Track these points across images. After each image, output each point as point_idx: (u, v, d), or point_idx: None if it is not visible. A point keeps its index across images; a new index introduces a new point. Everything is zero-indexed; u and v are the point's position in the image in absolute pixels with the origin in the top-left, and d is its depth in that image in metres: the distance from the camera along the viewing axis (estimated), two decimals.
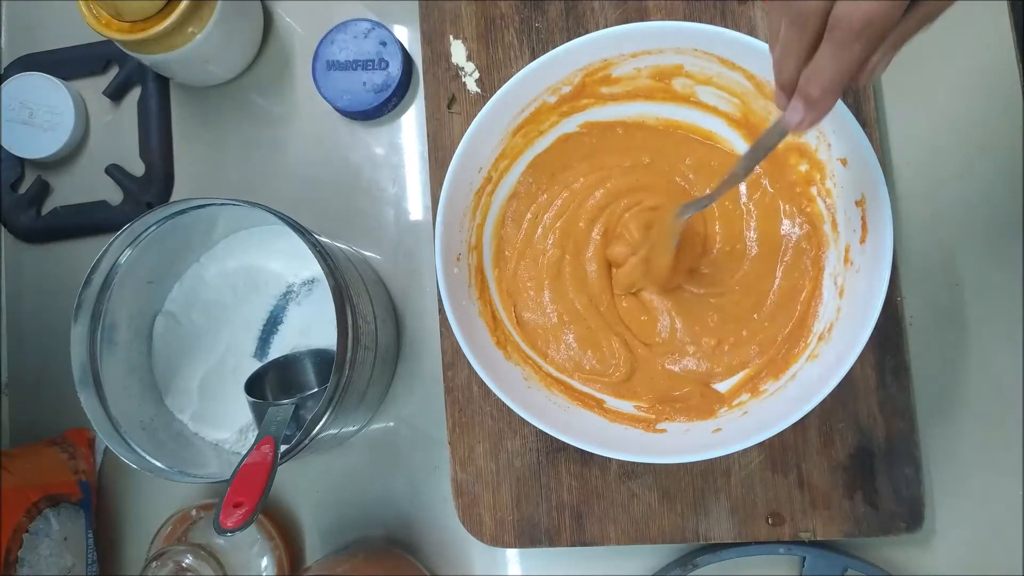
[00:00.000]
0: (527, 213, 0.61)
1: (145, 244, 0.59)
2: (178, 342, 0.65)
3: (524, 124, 0.58)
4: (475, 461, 0.62)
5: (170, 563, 0.60)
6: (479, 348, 0.55)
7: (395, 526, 0.65)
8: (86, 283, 0.57)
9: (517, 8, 0.65)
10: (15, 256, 0.74)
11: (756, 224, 0.59)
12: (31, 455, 0.66)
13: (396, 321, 0.67)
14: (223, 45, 0.66)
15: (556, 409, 0.56)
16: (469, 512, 0.61)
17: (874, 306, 0.51)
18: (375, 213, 0.68)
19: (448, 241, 0.56)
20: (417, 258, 0.67)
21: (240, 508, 0.47)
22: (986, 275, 0.61)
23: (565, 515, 0.60)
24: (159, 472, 0.56)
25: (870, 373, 0.58)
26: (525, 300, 0.61)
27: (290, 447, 0.54)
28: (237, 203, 0.56)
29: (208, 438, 0.64)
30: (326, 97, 0.66)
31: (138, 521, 0.68)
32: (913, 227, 0.61)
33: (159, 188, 0.71)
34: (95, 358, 0.58)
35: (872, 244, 0.52)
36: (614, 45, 0.55)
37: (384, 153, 0.69)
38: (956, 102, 0.62)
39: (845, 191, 0.54)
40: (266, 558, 0.64)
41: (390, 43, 0.66)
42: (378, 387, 0.64)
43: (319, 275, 0.64)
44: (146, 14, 0.61)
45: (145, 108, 0.72)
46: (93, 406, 0.57)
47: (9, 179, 0.73)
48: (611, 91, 0.59)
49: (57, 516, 0.63)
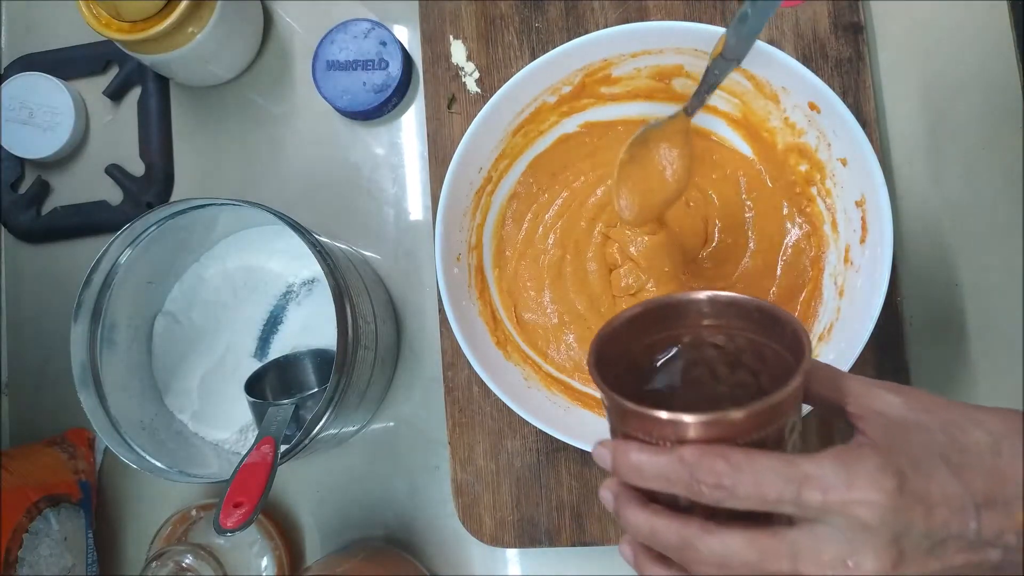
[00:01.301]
0: (527, 213, 0.61)
1: (145, 244, 0.59)
2: (178, 342, 0.65)
3: (524, 124, 0.58)
4: (475, 461, 0.62)
5: (170, 563, 0.60)
6: (479, 348, 0.55)
7: (395, 526, 0.65)
8: (86, 283, 0.57)
9: (517, 8, 0.65)
10: (15, 256, 0.74)
11: (756, 220, 0.59)
12: (31, 455, 0.66)
13: (396, 321, 0.67)
14: (223, 45, 0.66)
15: (556, 409, 0.56)
16: (469, 512, 0.61)
17: (874, 306, 0.51)
18: (375, 213, 0.68)
19: (448, 241, 0.56)
20: (417, 258, 0.67)
21: (240, 508, 0.47)
22: (986, 275, 0.60)
23: (565, 515, 0.60)
24: (159, 472, 0.56)
25: (870, 373, 0.58)
26: (525, 300, 0.61)
27: (290, 447, 0.54)
28: (237, 203, 0.56)
29: (208, 438, 0.64)
30: (326, 97, 0.66)
31: (138, 521, 0.68)
32: (913, 227, 0.61)
33: (159, 188, 0.71)
34: (95, 358, 0.58)
35: (872, 244, 0.52)
36: (614, 45, 0.55)
37: (384, 153, 0.69)
38: (956, 102, 0.62)
39: (845, 191, 0.54)
40: (266, 558, 0.64)
41: (390, 43, 0.66)
42: (378, 387, 0.64)
43: (319, 275, 0.64)
44: (146, 14, 0.61)
45: (145, 108, 0.72)
46: (93, 406, 0.57)
47: (9, 179, 0.73)
48: (611, 91, 0.59)
49: (57, 516, 0.63)
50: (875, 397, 0.35)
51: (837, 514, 0.30)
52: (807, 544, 0.31)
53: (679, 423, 0.32)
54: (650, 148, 0.52)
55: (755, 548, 0.31)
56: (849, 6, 0.61)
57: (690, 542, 0.32)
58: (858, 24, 0.61)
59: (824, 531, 0.31)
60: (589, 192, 0.61)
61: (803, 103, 0.53)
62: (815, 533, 0.31)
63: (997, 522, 0.31)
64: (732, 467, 0.31)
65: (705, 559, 0.32)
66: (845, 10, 0.61)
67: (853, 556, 0.30)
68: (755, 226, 0.59)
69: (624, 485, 0.35)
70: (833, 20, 0.61)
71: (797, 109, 0.54)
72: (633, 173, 0.53)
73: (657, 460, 0.32)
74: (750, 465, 0.31)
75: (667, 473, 0.32)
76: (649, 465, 0.32)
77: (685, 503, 0.33)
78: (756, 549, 0.31)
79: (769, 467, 0.31)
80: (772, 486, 0.30)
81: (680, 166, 0.52)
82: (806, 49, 0.61)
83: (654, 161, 0.53)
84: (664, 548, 0.33)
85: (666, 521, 0.33)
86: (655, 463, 0.32)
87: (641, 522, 0.33)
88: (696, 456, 0.31)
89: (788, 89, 0.54)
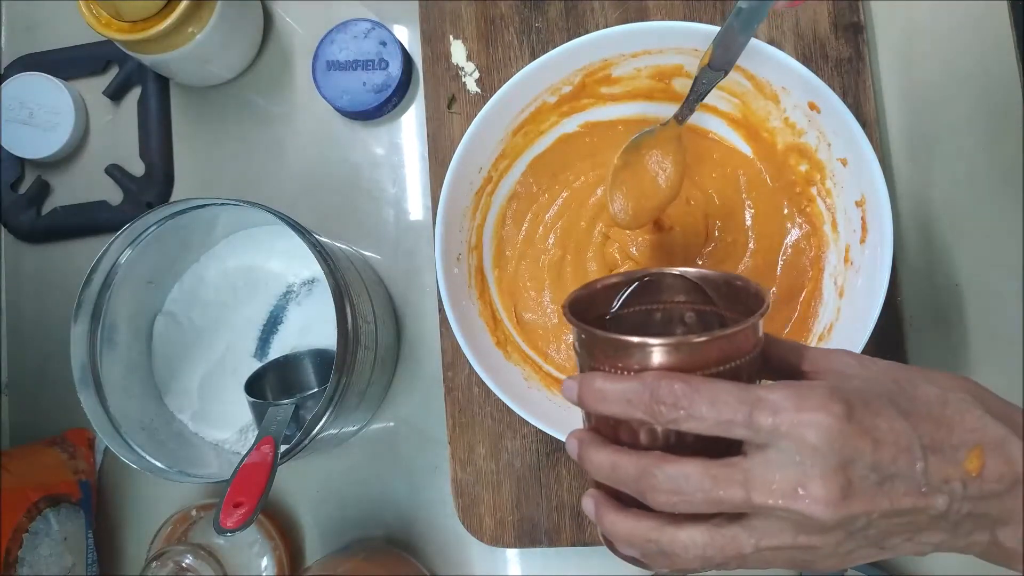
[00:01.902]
0: (527, 213, 0.61)
1: (145, 244, 0.59)
2: (178, 342, 0.65)
3: (524, 124, 0.58)
4: (475, 461, 0.62)
5: (170, 563, 0.60)
6: (479, 348, 0.55)
7: (395, 526, 0.65)
8: (86, 283, 0.57)
9: (517, 8, 0.65)
10: (15, 256, 0.74)
11: (756, 219, 0.59)
12: (31, 455, 0.66)
13: (396, 321, 0.67)
14: (223, 45, 0.66)
15: (556, 409, 0.56)
16: (469, 512, 0.61)
17: (874, 306, 0.51)
18: (375, 213, 0.68)
19: (448, 241, 0.56)
20: (417, 258, 0.67)
21: (240, 508, 0.47)
22: (986, 275, 0.61)
23: (565, 515, 0.60)
24: (159, 472, 0.56)
25: None
26: (525, 300, 0.61)
27: (290, 447, 0.54)
28: (237, 203, 0.56)
29: (208, 438, 0.64)
30: (326, 97, 0.66)
31: (138, 521, 0.68)
32: (913, 227, 0.61)
33: (159, 188, 0.71)
34: (95, 358, 0.58)
35: (872, 244, 0.52)
36: (614, 45, 0.55)
37: (384, 153, 0.69)
38: (956, 102, 0.62)
39: (845, 191, 0.54)
40: (266, 558, 0.64)
41: (390, 43, 0.66)
42: (378, 387, 0.64)
43: (319, 275, 0.64)
44: (146, 14, 0.61)
45: (145, 108, 0.72)
46: (93, 406, 0.57)
47: (9, 179, 0.73)
48: (611, 91, 0.59)
49: (57, 516, 0.63)
50: (832, 359, 0.37)
51: (786, 436, 0.32)
52: (759, 471, 0.32)
53: (644, 346, 0.34)
54: (643, 154, 0.54)
55: (709, 475, 0.32)
56: (849, 6, 0.61)
57: (648, 469, 0.33)
58: (858, 24, 0.61)
59: (775, 456, 0.32)
60: (589, 192, 0.61)
61: (803, 103, 0.53)
62: (767, 459, 0.32)
63: (943, 468, 0.32)
64: (690, 388, 0.33)
65: (660, 485, 0.33)
66: (845, 10, 0.61)
67: (802, 483, 0.31)
68: (755, 225, 0.59)
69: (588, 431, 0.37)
70: (833, 20, 0.61)
71: (797, 109, 0.54)
72: (627, 179, 0.55)
73: (619, 384, 0.34)
74: (707, 388, 0.33)
75: (628, 394, 0.34)
76: (612, 389, 0.34)
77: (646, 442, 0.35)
78: (710, 476, 0.32)
79: (724, 390, 0.32)
80: (726, 407, 0.32)
81: (672, 172, 0.54)
82: (806, 49, 0.61)
83: (647, 167, 0.55)
84: (623, 482, 0.34)
85: (626, 455, 0.35)
86: (617, 386, 0.34)
87: (603, 459, 0.35)
88: (656, 377, 0.33)
89: (788, 89, 0.54)
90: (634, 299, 0.41)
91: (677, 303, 0.41)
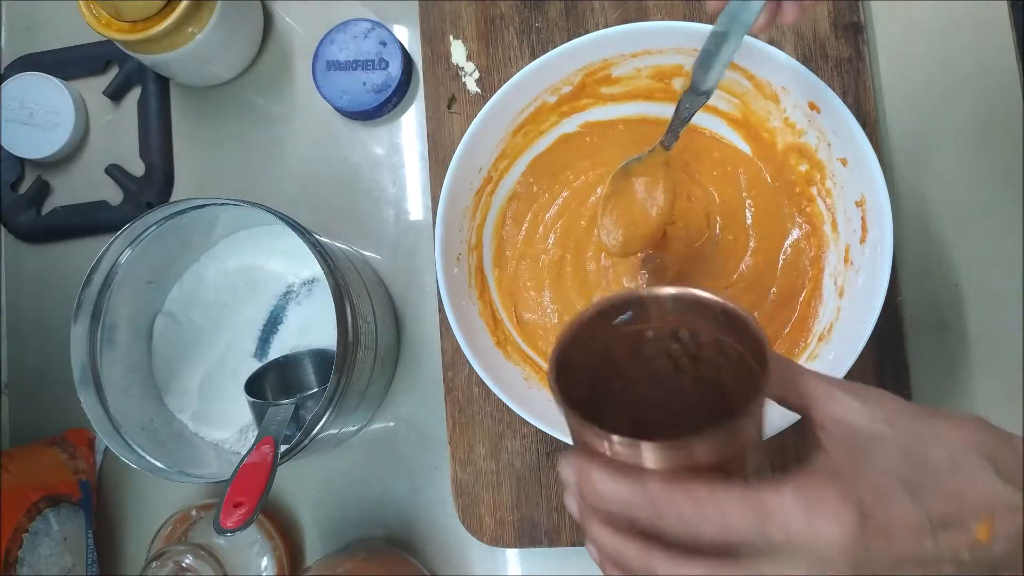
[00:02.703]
0: (527, 213, 0.61)
1: (145, 244, 0.59)
2: (178, 342, 0.65)
3: (524, 124, 0.58)
4: (475, 461, 0.62)
5: (170, 563, 0.60)
6: (479, 348, 0.55)
7: (395, 526, 0.65)
8: (86, 283, 0.57)
9: (517, 8, 0.65)
10: (15, 256, 0.74)
11: (756, 218, 0.59)
12: (31, 455, 0.66)
13: (396, 321, 0.67)
14: (223, 45, 0.66)
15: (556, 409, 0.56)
16: (469, 512, 0.61)
17: (874, 306, 0.51)
18: (375, 213, 0.68)
19: (448, 241, 0.56)
20: (417, 258, 0.67)
21: (240, 508, 0.47)
22: (986, 275, 0.60)
23: (565, 515, 0.60)
24: (159, 472, 0.56)
25: (870, 373, 0.58)
26: (525, 300, 0.61)
27: (290, 447, 0.54)
28: (237, 203, 0.56)
29: (208, 438, 0.64)
30: (326, 97, 0.66)
31: (138, 521, 0.68)
32: (913, 227, 0.61)
33: (159, 188, 0.71)
34: (95, 358, 0.58)
35: (872, 244, 0.52)
36: (614, 45, 0.55)
37: (384, 153, 0.69)
38: (956, 102, 0.62)
39: (845, 191, 0.54)
40: (266, 558, 0.64)
41: (390, 43, 0.66)
42: (378, 387, 0.64)
43: (319, 275, 0.64)
44: (146, 14, 0.61)
45: (145, 108, 0.72)
46: (93, 406, 0.57)
47: (9, 179, 0.73)
48: (611, 91, 0.59)
49: (57, 516, 0.63)
50: (837, 403, 0.35)
51: (800, 548, 0.31)
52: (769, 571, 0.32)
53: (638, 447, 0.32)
54: (632, 182, 0.55)
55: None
56: (849, 6, 0.61)
57: (654, 568, 0.33)
58: (858, 24, 0.61)
59: (787, 562, 0.31)
60: (589, 192, 0.61)
61: (803, 103, 0.53)
62: (778, 564, 0.32)
63: (953, 540, 0.32)
64: (695, 504, 0.31)
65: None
66: (845, 10, 0.61)
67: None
68: (755, 224, 0.59)
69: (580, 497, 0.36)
70: (833, 20, 0.61)
71: (797, 109, 0.54)
72: (617, 206, 0.55)
73: (620, 490, 0.33)
74: (713, 501, 0.31)
75: (630, 505, 0.32)
76: (612, 495, 0.33)
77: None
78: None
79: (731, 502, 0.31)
80: (735, 523, 0.31)
81: (662, 199, 0.55)
82: (806, 49, 0.61)
83: (636, 194, 0.55)
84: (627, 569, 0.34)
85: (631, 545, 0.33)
86: (619, 493, 0.33)
87: (606, 540, 0.34)
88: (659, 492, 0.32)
89: (788, 89, 0.54)
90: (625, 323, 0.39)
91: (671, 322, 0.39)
